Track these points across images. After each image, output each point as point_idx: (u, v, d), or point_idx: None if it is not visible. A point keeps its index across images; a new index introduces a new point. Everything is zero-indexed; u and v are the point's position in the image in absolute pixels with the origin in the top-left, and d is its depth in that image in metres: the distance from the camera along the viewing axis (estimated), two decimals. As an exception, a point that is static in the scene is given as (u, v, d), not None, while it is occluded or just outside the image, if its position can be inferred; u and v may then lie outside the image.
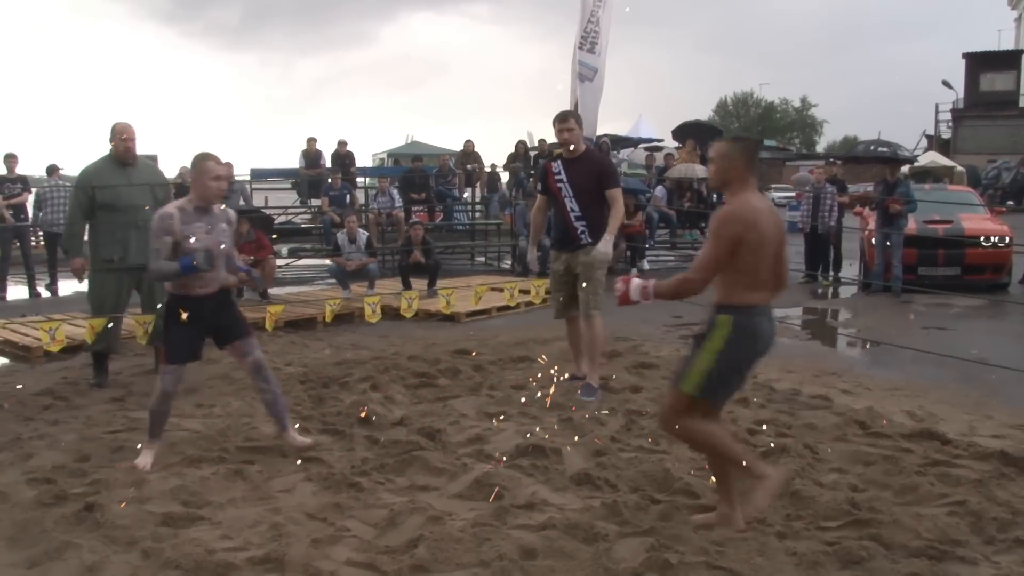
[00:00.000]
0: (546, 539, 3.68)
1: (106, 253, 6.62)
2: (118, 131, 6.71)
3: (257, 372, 4.88)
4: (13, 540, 3.79)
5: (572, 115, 6.40)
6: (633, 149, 21.06)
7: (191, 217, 4.72)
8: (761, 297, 3.67)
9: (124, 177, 6.70)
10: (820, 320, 10.73)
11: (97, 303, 6.74)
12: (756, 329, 3.66)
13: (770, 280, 3.69)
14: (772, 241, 3.64)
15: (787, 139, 63.24)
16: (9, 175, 12.79)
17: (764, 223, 3.61)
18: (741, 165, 3.71)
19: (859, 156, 15.56)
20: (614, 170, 6.42)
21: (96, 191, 6.60)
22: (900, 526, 3.78)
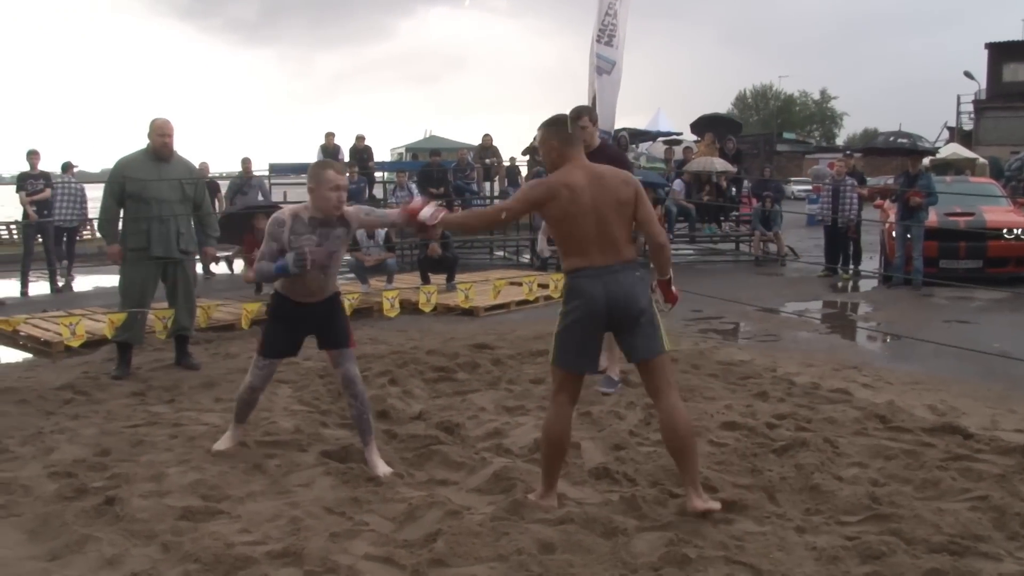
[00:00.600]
0: (564, 533, 3.67)
1: (132, 243, 6.77)
2: (157, 127, 6.83)
3: (347, 385, 4.67)
4: (35, 533, 3.81)
5: (587, 111, 6.35)
6: (652, 143, 21.01)
7: (303, 227, 4.50)
8: (585, 260, 3.85)
9: (155, 171, 6.80)
10: (840, 314, 10.66)
11: (123, 292, 6.93)
12: (580, 289, 3.85)
13: (598, 244, 3.84)
14: (586, 209, 3.82)
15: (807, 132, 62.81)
16: (32, 171, 12.92)
17: (573, 193, 3.83)
18: (557, 145, 3.97)
19: (879, 148, 15.40)
20: (628, 162, 6.39)
21: (127, 181, 6.74)
22: (921, 521, 3.75)
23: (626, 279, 3.85)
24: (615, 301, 3.81)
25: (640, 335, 3.88)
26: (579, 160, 3.97)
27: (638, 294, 3.86)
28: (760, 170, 16.98)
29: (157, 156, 6.84)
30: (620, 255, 3.86)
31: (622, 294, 3.82)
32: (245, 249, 11.60)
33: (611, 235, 3.85)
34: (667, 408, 3.89)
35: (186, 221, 6.97)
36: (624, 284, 3.83)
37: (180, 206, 6.90)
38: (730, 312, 9.79)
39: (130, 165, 6.85)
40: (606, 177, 3.91)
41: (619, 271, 3.84)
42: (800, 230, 19.59)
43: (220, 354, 7.70)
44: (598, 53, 8.38)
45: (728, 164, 16.20)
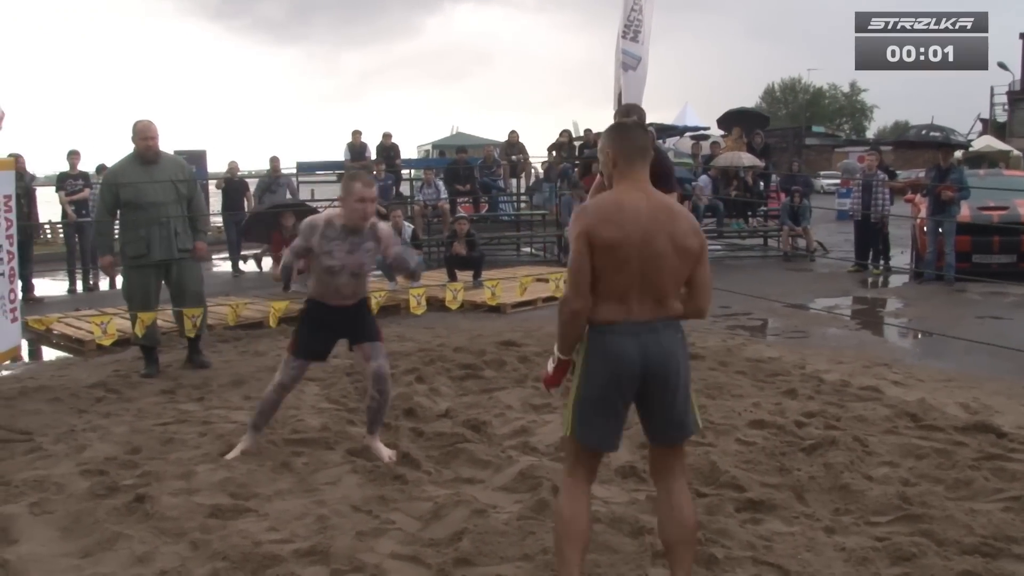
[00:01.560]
0: (591, 533, 3.65)
1: (132, 250, 6.77)
2: (139, 130, 6.81)
3: (377, 380, 4.77)
4: (67, 530, 3.87)
5: (635, 110, 6.12)
6: (679, 138, 20.89)
7: (336, 233, 4.60)
8: (621, 312, 3.02)
9: (147, 175, 6.80)
10: (870, 310, 10.55)
11: (128, 298, 6.95)
12: (610, 348, 3.02)
13: (640, 293, 3.02)
14: (635, 245, 2.98)
15: (836, 125, 62.18)
16: (71, 172, 13.15)
17: (622, 223, 2.99)
18: (616, 156, 3.15)
19: (911, 141, 15.24)
20: (671, 169, 6.15)
21: (120, 189, 6.74)
22: (953, 522, 3.70)
23: (672, 340, 3.07)
24: (654, 364, 3.03)
25: (680, 409, 3.10)
26: (643, 183, 3.13)
27: (681, 359, 3.09)
28: (788, 164, 16.82)
29: (144, 159, 6.81)
30: (665, 310, 3.06)
31: (663, 358, 3.04)
32: (273, 248, 11.67)
33: (662, 283, 3.03)
34: (676, 493, 3.14)
35: (182, 220, 6.94)
36: (668, 346, 3.05)
37: (175, 206, 6.87)
38: (758, 308, 9.72)
39: (121, 173, 6.85)
40: (678, 215, 3.08)
41: (658, 329, 3.04)
42: (829, 224, 19.41)
43: (249, 352, 7.76)
44: (624, 49, 8.34)
45: (756, 159, 16.08)
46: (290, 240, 11.04)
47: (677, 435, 3.15)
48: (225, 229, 15.65)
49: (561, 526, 3.10)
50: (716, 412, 5.37)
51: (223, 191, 15.43)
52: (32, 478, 4.43)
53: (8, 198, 6.31)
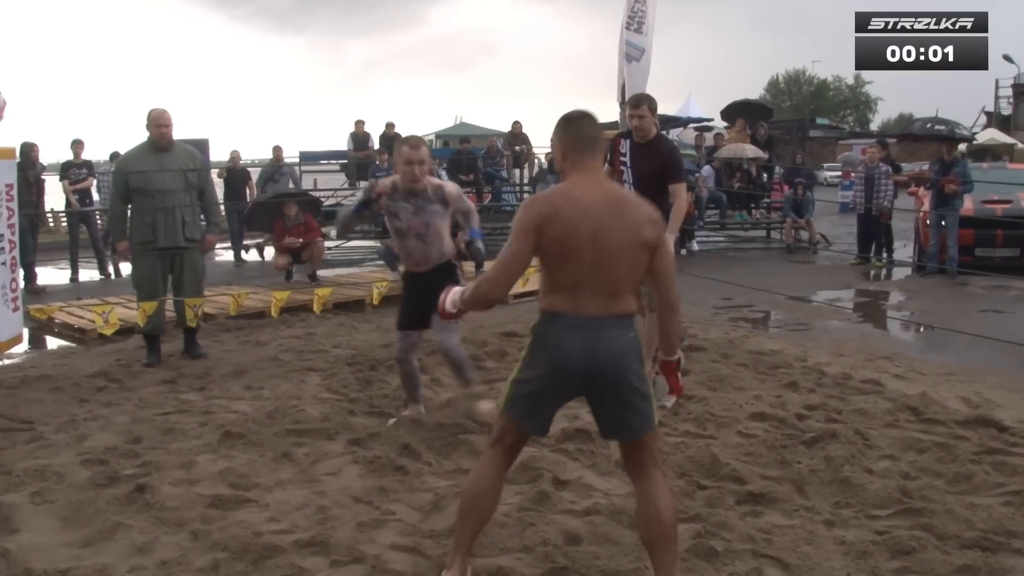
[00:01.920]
0: (591, 524, 3.67)
1: (139, 236, 6.80)
2: (153, 118, 6.84)
3: (442, 354, 5.14)
4: (68, 520, 3.87)
5: (646, 100, 6.16)
6: (683, 129, 20.84)
7: (399, 197, 4.92)
8: (570, 304, 2.97)
9: (157, 163, 6.81)
10: (873, 303, 10.54)
11: (137, 285, 6.97)
12: (552, 339, 2.99)
13: (591, 287, 2.96)
14: (586, 237, 2.93)
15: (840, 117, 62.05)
16: (75, 160, 13.17)
17: (574, 214, 2.95)
18: (565, 148, 3.11)
19: (915, 133, 15.16)
20: (679, 162, 6.17)
21: (130, 176, 6.77)
22: (953, 516, 3.70)
23: (620, 339, 2.98)
24: (599, 364, 2.96)
25: (628, 409, 3.01)
26: (595, 175, 3.11)
27: (631, 361, 2.99)
28: (792, 156, 16.78)
29: (157, 147, 6.84)
30: (617, 306, 2.98)
31: (611, 357, 2.96)
32: (275, 237, 11.67)
33: (614, 278, 2.97)
34: (652, 490, 3.05)
35: (191, 210, 6.94)
36: (616, 345, 2.96)
37: (184, 195, 6.87)
38: (760, 301, 9.71)
39: (132, 160, 6.89)
40: (631, 207, 3.03)
41: (607, 326, 2.96)
42: (832, 217, 19.37)
43: (250, 342, 7.76)
44: (627, 40, 8.30)
45: (759, 150, 16.04)
46: (294, 229, 11.15)
47: (625, 434, 3.08)
48: (227, 218, 15.62)
49: (464, 497, 3.16)
50: (717, 404, 5.37)
51: (225, 180, 15.39)
52: (33, 467, 4.43)
53: (9, 187, 6.30)
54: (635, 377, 2.99)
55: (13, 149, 6.48)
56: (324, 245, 12.43)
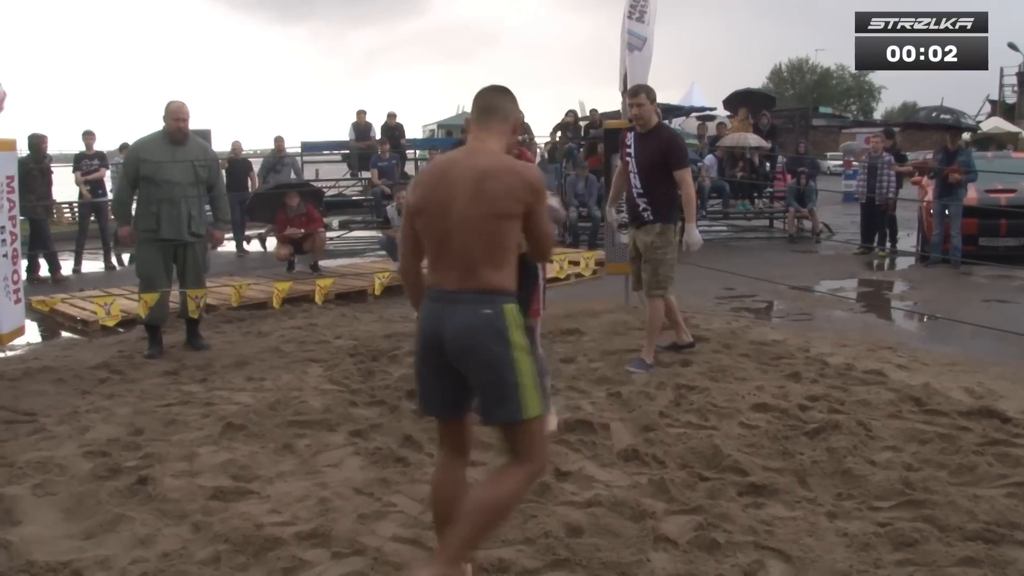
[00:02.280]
0: (592, 516, 3.66)
1: (143, 224, 6.80)
2: (172, 111, 6.84)
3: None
4: (70, 512, 3.87)
5: (644, 89, 6.24)
6: (685, 118, 20.78)
7: None
8: (433, 277, 2.94)
9: (169, 153, 6.81)
10: (876, 293, 10.51)
11: (140, 274, 6.98)
12: (420, 314, 2.98)
13: (447, 258, 2.90)
14: (435, 211, 2.90)
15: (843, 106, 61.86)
16: (87, 152, 13.19)
17: (429, 187, 2.94)
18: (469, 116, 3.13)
19: (920, 122, 15.11)
20: (680, 149, 6.17)
21: (140, 164, 6.76)
22: (955, 508, 3.69)
23: (467, 315, 2.83)
24: (449, 340, 2.85)
25: (483, 390, 2.87)
26: (474, 144, 3.04)
27: (482, 338, 2.81)
28: (795, 145, 16.73)
29: (172, 139, 6.85)
30: (470, 280, 2.85)
31: (455, 334, 2.83)
32: (277, 228, 11.66)
33: (466, 251, 2.86)
34: (503, 472, 2.92)
35: (197, 204, 6.95)
36: (461, 321, 2.83)
37: (192, 188, 6.88)
38: (763, 290, 9.69)
39: (146, 147, 6.87)
40: (491, 176, 2.87)
41: (459, 302, 2.85)
42: (836, 206, 19.32)
43: (252, 333, 7.75)
44: (629, 29, 8.26)
45: (762, 140, 15.98)
46: (296, 220, 11.14)
47: (490, 418, 2.91)
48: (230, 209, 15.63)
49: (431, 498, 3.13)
50: (719, 395, 5.35)
51: (227, 171, 15.38)
52: (35, 459, 4.44)
53: (10, 179, 6.29)
54: (489, 355, 2.81)
55: (13, 141, 6.47)
56: (326, 235, 12.41)
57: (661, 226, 6.16)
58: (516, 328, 2.85)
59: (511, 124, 3.11)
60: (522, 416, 2.83)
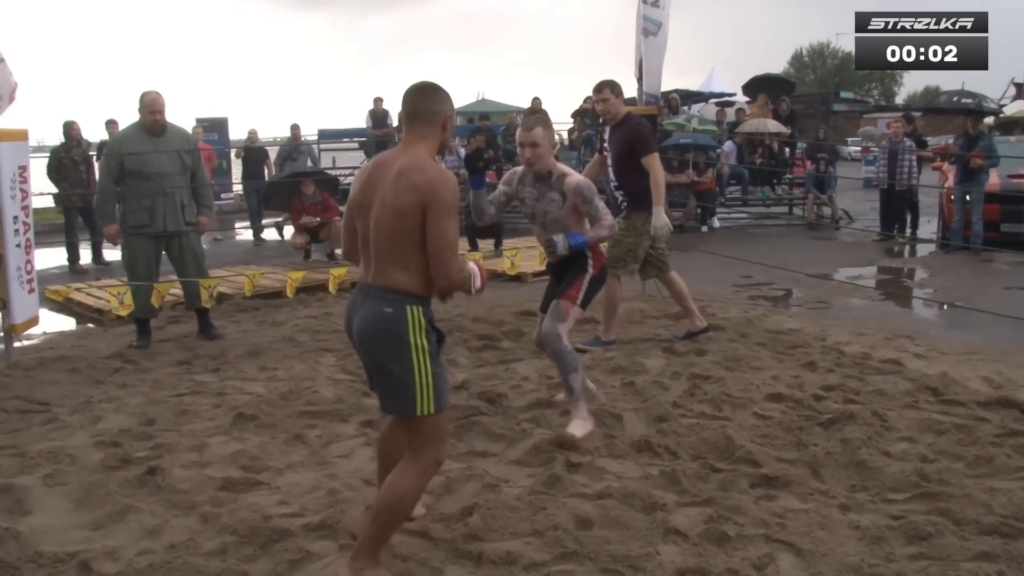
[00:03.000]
0: (602, 508, 3.62)
1: (133, 220, 6.73)
2: (147, 103, 6.76)
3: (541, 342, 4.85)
4: (80, 502, 3.88)
5: (608, 84, 6.39)
6: (704, 104, 20.61)
7: (527, 181, 4.84)
8: (361, 270, 3.15)
9: (152, 145, 6.76)
10: (895, 280, 10.40)
11: (129, 269, 6.93)
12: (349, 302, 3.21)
13: (365, 254, 3.10)
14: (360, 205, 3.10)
15: (865, 91, 61.14)
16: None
17: (360, 182, 3.14)
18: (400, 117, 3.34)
19: (941, 107, 14.90)
20: (644, 136, 6.29)
21: (125, 158, 6.69)
22: (972, 500, 3.63)
23: (370, 311, 2.99)
24: (355, 332, 3.07)
25: (382, 384, 3.09)
26: (405, 145, 3.14)
27: (379, 336, 2.98)
28: (815, 131, 16.55)
29: (151, 132, 6.78)
30: (379, 278, 3.00)
31: (359, 327, 3.04)
32: (292, 216, 11.66)
33: (377, 249, 3.01)
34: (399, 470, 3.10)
35: (188, 193, 6.92)
36: (364, 316, 3.01)
37: (181, 178, 6.86)
38: (781, 278, 9.59)
39: (126, 142, 6.80)
40: (399, 175, 2.98)
41: (368, 296, 3.02)
42: (856, 192, 19.14)
43: (267, 322, 7.76)
44: (644, 15, 8.17)
45: (781, 126, 15.84)
46: (311, 208, 11.14)
47: (384, 408, 3.17)
48: (246, 197, 15.67)
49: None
50: (734, 385, 5.30)
51: (243, 159, 15.43)
52: (47, 449, 4.45)
53: (23, 169, 6.30)
54: (383, 352, 2.99)
55: (24, 131, 6.47)
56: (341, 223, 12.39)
57: (627, 211, 6.36)
58: (416, 330, 2.97)
59: (440, 123, 3.16)
60: (413, 411, 3.00)
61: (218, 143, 18.97)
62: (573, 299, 4.72)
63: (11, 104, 6.19)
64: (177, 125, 7.10)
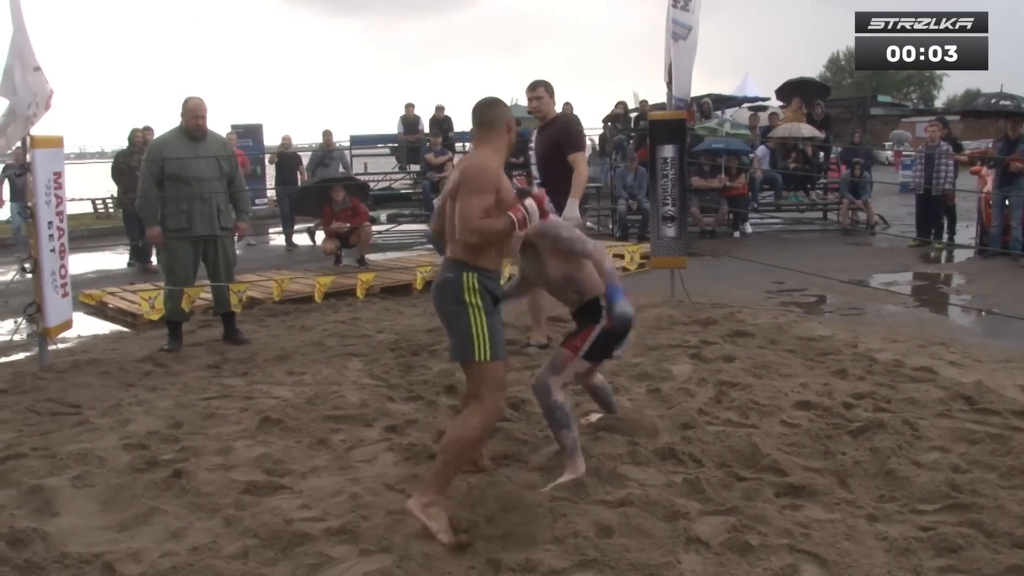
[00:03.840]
0: (624, 516, 3.58)
1: (172, 223, 6.81)
2: (190, 108, 6.86)
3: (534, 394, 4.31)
4: (107, 504, 3.93)
5: (541, 84, 6.55)
6: (737, 108, 20.49)
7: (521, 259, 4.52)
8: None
9: (192, 150, 6.85)
10: (930, 286, 10.22)
11: (168, 272, 7.01)
12: None
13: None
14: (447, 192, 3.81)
15: (903, 94, 60.40)
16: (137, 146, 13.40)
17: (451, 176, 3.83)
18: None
19: (980, 109, 14.66)
20: (574, 133, 6.48)
21: (165, 162, 6.77)
22: (1004, 512, 3.54)
23: (440, 277, 3.78)
24: (432, 293, 3.83)
25: (448, 335, 3.78)
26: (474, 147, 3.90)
27: (443, 295, 3.70)
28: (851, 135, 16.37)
29: (192, 137, 6.88)
30: (450, 252, 3.77)
31: (433, 289, 3.83)
32: (323, 222, 11.73)
33: (448, 228, 3.80)
34: (464, 414, 3.72)
35: (224, 198, 7.00)
36: (437, 281, 3.81)
37: (218, 183, 6.94)
38: (814, 284, 9.48)
39: (167, 146, 6.89)
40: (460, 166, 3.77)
41: (443, 266, 3.81)
42: (892, 197, 18.88)
43: (296, 327, 7.80)
44: (674, 19, 8.13)
45: (815, 130, 15.68)
46: (342, 214, 11.20)
47: (452, 356, 3.83)
48: (279, 203, 15.80)
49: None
50: (762, 392, 5.24)
51: (276, 165, 15.57)
52: (77, 451, 4.51)
53: (58, 175, 6.40)
54: (446, 310, 3.70)
55: (60, 138, 6.57)
56: (371, 229, 12.44)
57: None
58: (471, 291, 3.63)
59: (503, 127, 3.83)
60: (470, 357, 3.63)
61: (252, 149, 19.16)
62: (575, 349, 4.15)
63: (47, 112, 6.28)
64: (216, 132, 7.19)
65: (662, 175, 8.39)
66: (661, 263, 8.62)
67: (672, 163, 8.34)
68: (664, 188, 8.39)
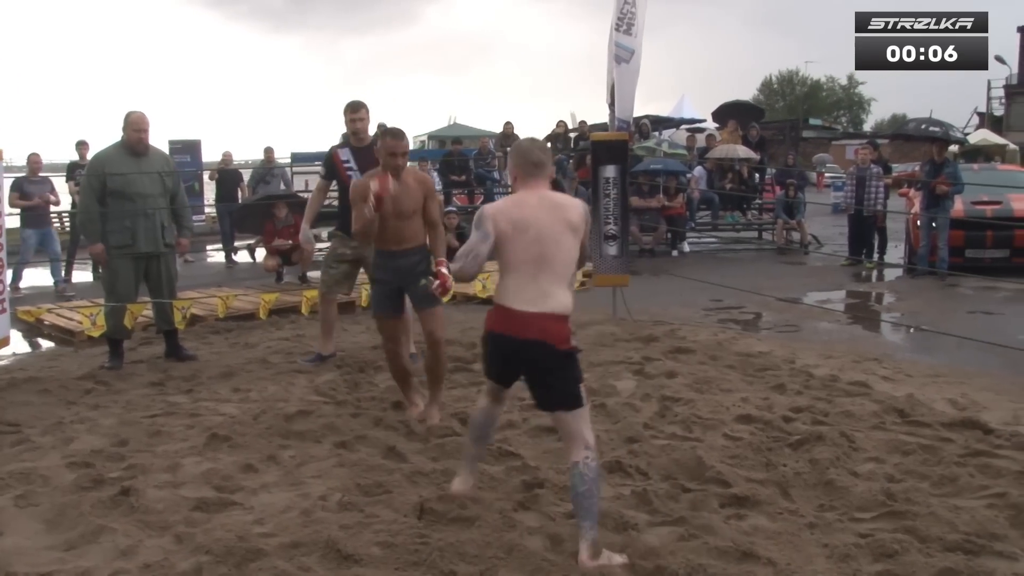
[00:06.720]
0: (574, 528, 3.65)
1: (116, 240, 6.69)
2: (132, 122, 6.75)
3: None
4: (52, 523, 3.87)
5: (363, 105, 6.74)
6: (675, 130, 20.85)
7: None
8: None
9: (135, 165, 6.75)
10: (863, 304, 10.56)
11: (109, 289, 6.88)
12: None
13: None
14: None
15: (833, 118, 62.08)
16: (81, 161, 13.13)
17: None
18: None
19: (909, 134, 15.17)
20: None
21: (107, 178, 6.66)
22: (936, 519, 3.71)
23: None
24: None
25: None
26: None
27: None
28: (785, 157, 16.80)
29: (134, 151, 6.77)
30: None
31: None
32: (265, 239, 11.65)
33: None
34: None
35: (167, 214, 6.91)
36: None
37: (162, 199, 6.83)
38: (751, 302, 9.71)
39: (110, 161, 6.77)
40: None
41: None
42: (825, 218, 19.39)
43: (240, 344, 7.74)
44: (617, 42, 8.32)
45: (751, 151, 16.06)
46: (284, 231, 11.13)
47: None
48: (219, 220, 15.62)
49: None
50: (704, 407, 5.37)
51: (217, 181, 15.40)
52: (19, 470, 4.43)
53: (-3, 190, 6.28)
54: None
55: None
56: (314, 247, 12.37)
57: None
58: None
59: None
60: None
61: (190, 165, 18.88)
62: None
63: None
64: (158, 148, 7.10)
65: (604, 195, 8.53)
66: (603, 280, 8.75)
67: (614, 183, 8.49)
68: (606, 207, 8.53)
